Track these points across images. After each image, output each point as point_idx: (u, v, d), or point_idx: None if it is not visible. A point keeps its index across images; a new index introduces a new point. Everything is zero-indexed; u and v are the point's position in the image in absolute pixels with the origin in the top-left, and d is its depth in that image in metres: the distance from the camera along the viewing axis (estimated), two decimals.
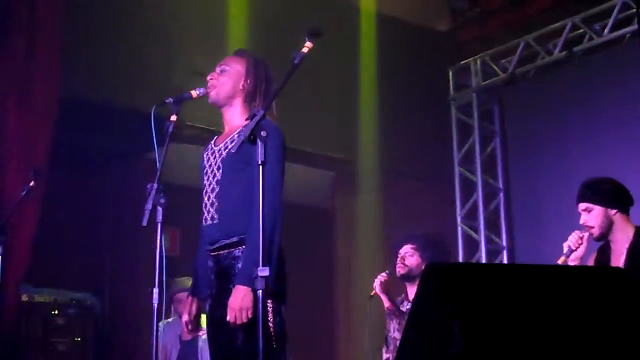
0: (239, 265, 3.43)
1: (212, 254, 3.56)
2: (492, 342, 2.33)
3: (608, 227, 4.22)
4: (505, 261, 7.87)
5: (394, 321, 5.01)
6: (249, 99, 3.64)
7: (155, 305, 3.41)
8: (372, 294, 5.07)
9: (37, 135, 5.76)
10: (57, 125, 5.81)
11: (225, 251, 3.50)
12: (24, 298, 5.75)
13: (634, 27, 6.86)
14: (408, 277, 5.11)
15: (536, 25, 7.67)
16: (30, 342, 5.74)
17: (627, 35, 7.05)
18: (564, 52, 7.45)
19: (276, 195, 3.39)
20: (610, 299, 2.45)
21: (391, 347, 5.07)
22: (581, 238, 4.22)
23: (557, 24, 7.52)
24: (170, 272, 3.44)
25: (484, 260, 7.82)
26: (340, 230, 7.93)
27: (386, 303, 5.04)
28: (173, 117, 3.62)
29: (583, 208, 4.26)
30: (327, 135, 7.32)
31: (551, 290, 2.44)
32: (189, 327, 3.70)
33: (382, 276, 5.06)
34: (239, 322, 3.27)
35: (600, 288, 2.49)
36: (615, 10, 7.05)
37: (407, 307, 5.12)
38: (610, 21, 7.09)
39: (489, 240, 7.98)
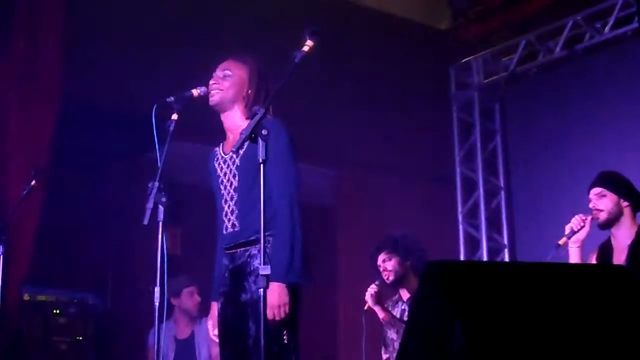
0: (255, 262, 3.44)
1: (227, 252, 3.57)
2: (494, 339, 2.33)
3: (616, 217, 4.24)
4: (506, 259, 7.87)
5: (392, 330, 5.02)
6: (250, 105, 3.64)
7: (157, 304, 3.41)
8: (365, 308, 5.05)
9: (39, 134, 5.76)
10: (58, 124, 5.81)
11: (242, 249, 3.51)
12: (26, 297, 5.75)
13: (635, 25, 6.87)
14: (398, 281, 5.12)
15: (537, 24, 7.66)
16: (31, 341, 5.74)
17: (628, 34, 7.05)
18: (565, 51, 7.45)
19: (294, 190, 3.44)
20: (613, 297, 2.45)
21: (390, 348, 5.07)
22: (584, 220, 4.24)
23: (557, 23, 7.51)
24: (171, 271, 3.44)
25: (485, 259, 7.82)
26: (341, 229, 7.92)
27: (381, 314, 5.04)
28: (174, 116, 3.63)
29: (597, 192, 4.29)
30: (328, 134, 7.31)
31: (553, 288, 2.44)
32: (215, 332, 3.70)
33: (372, 288, 5.04)
34: (277, 318, 3.31)
35: (602, 286, 2.49)
36: (616, 9, 7.05)
37: (402, 307, 5.14)
38: (611, 20, 7.09)
39: (490, 239, 7.98)
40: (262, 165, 3.07)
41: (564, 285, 2.47)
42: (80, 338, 5.91)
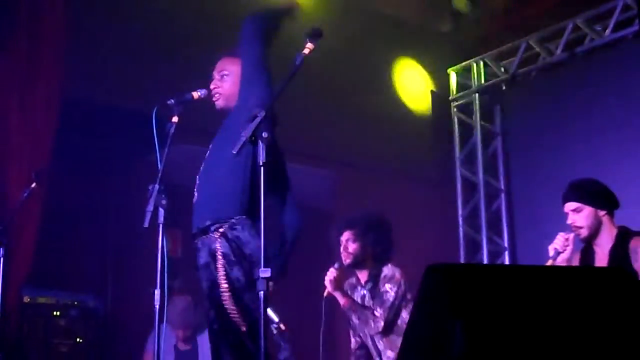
0: (201, 254, 3.46)
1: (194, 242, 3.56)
2: (494, 342, 2.33)
3: (596, 228, 4.22)
4: (506, 262, 7.86)
5: (354, 316, 4.82)
6: None
7: (157, 306, 3.41)
8: (325, 294, 4.83)
9: (39, 136, 5.75)
10: (59, 126, 5.80)
11: (199, 240, 3.49)
12: (26, 299, 5.75)
13: (635, 28, 6.88)
14: (356, 264, 4.92)
15: (537, 26, 7.67)
16: (31, 343, 5.73)
17: (629, 37, 7.05)
18: (565, 53, 7.46)
19: None
20: (612, 299, 2.45)
21: (358, 333, 4.96)
22: (567, 240, 4.20)
23: (558, 25, 7.52)
24: (171, 273, 3.43)
25: (485, 261, 7.82)
26: None
27: (342, 300, 4.83)
28: (174, 119, 3.64)
29: (572, 208, 4.26)
30: (328, 136, 7.31)
31: (553, 290, 2.44)
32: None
33: (331, 273, 4.83)
34: None
35: (601, 288, 2.49)
36: (617, 12, 7.05)
37: (362, 292, 4.95)
38: (612, 22, 7.10)
39: (490, 241, 7.98)
40: (262, 167, 3.05)
41: (564, 287, 2.47)
42: (81, 340, 5.90)
